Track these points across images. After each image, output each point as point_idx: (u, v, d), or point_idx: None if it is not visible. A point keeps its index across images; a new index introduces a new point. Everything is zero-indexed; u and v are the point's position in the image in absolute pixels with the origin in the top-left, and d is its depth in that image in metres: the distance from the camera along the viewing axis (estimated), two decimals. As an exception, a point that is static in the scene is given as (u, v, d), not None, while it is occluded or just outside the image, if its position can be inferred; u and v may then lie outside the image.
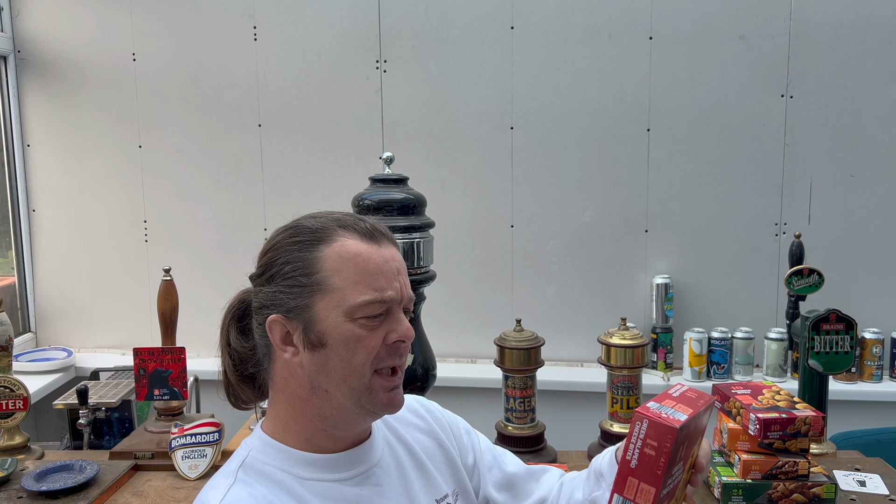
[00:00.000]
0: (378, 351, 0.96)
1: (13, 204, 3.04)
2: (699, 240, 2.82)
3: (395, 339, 0.97)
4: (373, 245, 0.98)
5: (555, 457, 1.91)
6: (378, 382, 0.97)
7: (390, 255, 0.99)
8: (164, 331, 2.03)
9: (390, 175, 1.91)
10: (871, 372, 2.65)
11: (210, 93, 2.93)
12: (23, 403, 1.91)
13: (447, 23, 2.80)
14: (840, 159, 2.74)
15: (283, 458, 0.99)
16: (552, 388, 2.53)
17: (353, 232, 0.98)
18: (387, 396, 0.98)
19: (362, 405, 0.97)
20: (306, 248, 0.98)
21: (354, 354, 0.95)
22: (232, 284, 1.16)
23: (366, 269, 0.96)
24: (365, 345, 0.95)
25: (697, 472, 1.07)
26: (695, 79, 2.75)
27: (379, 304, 0.95)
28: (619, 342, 1.87)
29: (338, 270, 0.96)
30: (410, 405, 1.18)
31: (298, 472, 0.98)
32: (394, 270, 0.98)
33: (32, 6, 2.96)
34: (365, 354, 0.95)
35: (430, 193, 1.99)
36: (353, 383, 0.96)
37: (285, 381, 1.00)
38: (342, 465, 1.01)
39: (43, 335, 3.13)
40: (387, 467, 1.05)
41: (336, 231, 0.98)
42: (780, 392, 1.67)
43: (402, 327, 0.98)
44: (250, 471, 0.97)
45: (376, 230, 1.00)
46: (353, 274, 0.95)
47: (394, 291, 0.97)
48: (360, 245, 0.97)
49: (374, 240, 0.99)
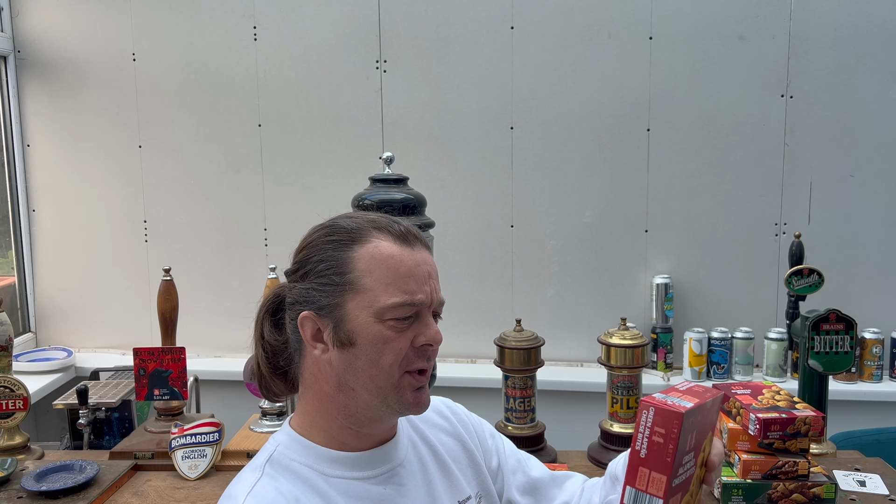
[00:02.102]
0: (406, 353, 0.97)
1: (13, 204, 3.04)
2: (699, 240, 2.82)
3: (423, 343, 0.98)
4: (406, 248, 0.99)
5: (555, 457, 1.91)
6: (407, 382, 0.98)
7: (422, 258, 1.01)
8: (164, 331, 2.03)
9: (390, 175, 1.91)
10: (871, 372, 2.65)
11: (210, 93, 2.93)
12: (23, 403, 1.91)
13: (447, 23, 2.80)
14: (840, 159, 2.74)
15: (308, 454, 1.00)
16: (552, 388, 2.53)
17: (388, 234, 1.00)
18: (413, 396, 0.99)
19: (389, 404, 0.99)
20: (340, 247, 0.99)
21: (382, 355, 0.97)
22: (232, 284, 1.16)
23: (398, 271, 0.97)
24: (393, 346, 0.97)
25: (710, 470, 1.07)
26: (695, 79, 2.75)
27: (408, 306, 0.97)
28: (619, 342, 1.87)
29: (370, 271, 0.97)
30: (436, 406, 1.20)
31: (323, 469, 0.99)
32: (425, 274, 1.00)
33: (32, 6, 2.96)
34: (393, 356, 0.97)
35: (430, 193, 1.99)
36: (381, 383, 0.97)
37: (314, 376, 1.02)
38: (367, 464, 1.02)
39: (43, 335, 3.13)
40: (410, 467, 1.06)
41: (370, 232, 1.00)
42: (780, 392, 1.67)
43: (431, 331, 0.99)
44: (277, 466, 0.99)
45: (410, 233, 1.01)
46: (384, 275, 0.97)
47: (424, 295, 0.99)
48: (394, 247, 0.98)
49: (408, 243, 1.00)
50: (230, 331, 2.96)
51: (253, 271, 2.88)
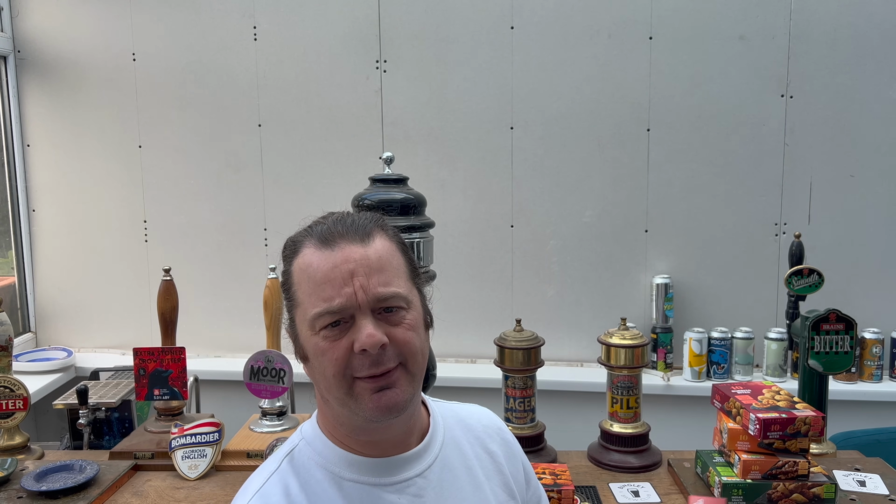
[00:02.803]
0: (348, 360, 0.92)
1: (13, 204, 3.04)
2: (699, 240, 2.82)
3: (359, 349, 0.91)
4: (324, 251, 0.94)
5: (555, 457, 1.91)
6: (361, 386, 0.93)
7: (343, 257, 0.93)
8: (164, 331, 2.03)
9: (390, 175, 1.91)
10: (871, 372, 2.65)
11: (210, 93, 2.93)
12: (23, 403, 1.91)
13: (447, 23, 2.80)
14: (840, 159, 2.74)
15: (328, 453, 0.99)
16: (552, 388, 2.53)
17: (312, 239, 0.96)
18: (373, 400, 0.92)
19: (355, 412, 0.94)
20: (287, 262, 1.00)
21: (325, 367, 0.93)
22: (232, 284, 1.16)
23: (314, 279, 0.94)
24: (329, 357, 0.92)
25: None
26: (695, 79, 2.75)
27: (328, 315, 0.92)
28: (619, 342, 1.87)
29: (299, 284, 0.96)
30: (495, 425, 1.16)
31: (340, 472, 0.97)
32: (345, 274, 0.92)
33: (32, 6, 2.96)
34: (332, 366, 0.92)
35: (430, 193, 1.99)
36: (336, 393, 0.94)
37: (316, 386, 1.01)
38: (385, 470, 0.98)
39: (43, 335, 3.13)
40: (435, 479, 1.01)
41: (302, 241, 0.98)
42: (780, 392, 1.67)
43: (362, 335, 0.91)
44: (295, 462, 0.99)
45: (332, 232, 0.95)
46: (306, 286, 0.95)
47: (343, 298, 0.91)
48: (314, 255, 0.95)
49: (328, 244, 0.95)
50: (230, 331, 2.96)
51: (253, 271, 2.88)
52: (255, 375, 1.93)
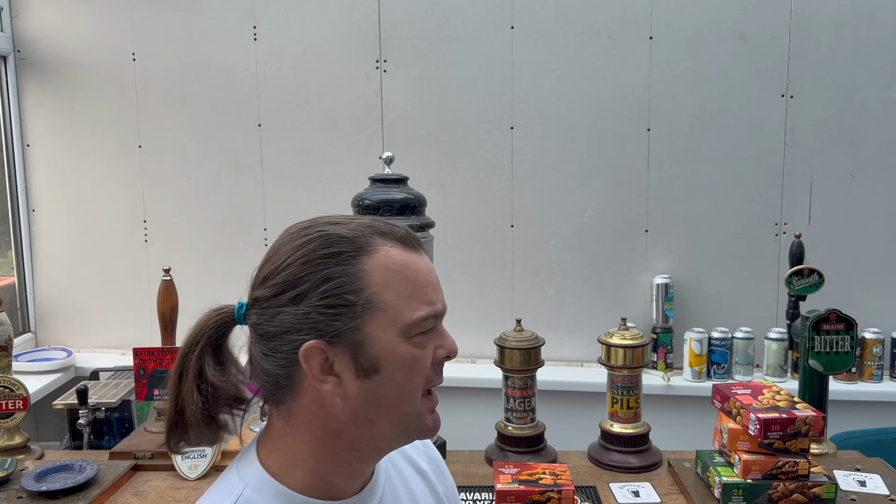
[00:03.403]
0: (429, 371, 0.88)
1: (13, 204, 3.04)
2: (699, 240, 2.82)
3: (445, 355, 0.90)
4: (415, 254, 0.88)
5: (555, 457, 1.91)
6: (426, 405, 0.89)
7: (429, 263, 0.91)
8: (164, 331, 2.03)
9: (390, 175, 1.91)
10: (871, 372, 2.65)
11: (210, 93, 2.93)
12: (23, 403, 1.91)
13: (447, 23, 2.80)
14: (840, 159, 2.73)
15: (284, 501, 0.86)
16: (552, 388, 2.53)
17: (392, 239, 0.87)
18: (432, 419, 0.90)
19: (409, 433, 0.89)
20: (346, 260, 0.84)
21: (411, 377, 0.86)
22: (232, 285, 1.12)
23: (416, 281, 0.86)
24: (420, 365, 0.86)
25: None
26: (695, 79, 2.75)
27: (433, 318, 0.88)
28: (619, 342, 1.87)
29: (388, 285, 0.84)
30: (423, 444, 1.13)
31: None
32: (436, 280, 0.90)
33: (32, 6, 2.96)
34: (420, 376, 0.87)
35: (430, 193, 1.99)
36: (407, 409, 0.87)
37: (313, 414, 0.86)
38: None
39: (43, 335, 3.13)
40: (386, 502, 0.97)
41: (375, 239, 0.86)
42: (780, 392, 1.67)
43: (449, 342, 0.91)
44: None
45: (413, 236, 0.90)
46: (402, 287, 0.85)
47: (442, 304, 0.90)
48: (405, 254, 0.87)
49: (414, 247, 0.89)
50: (230, 331, 2.96)
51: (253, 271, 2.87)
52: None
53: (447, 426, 2.23)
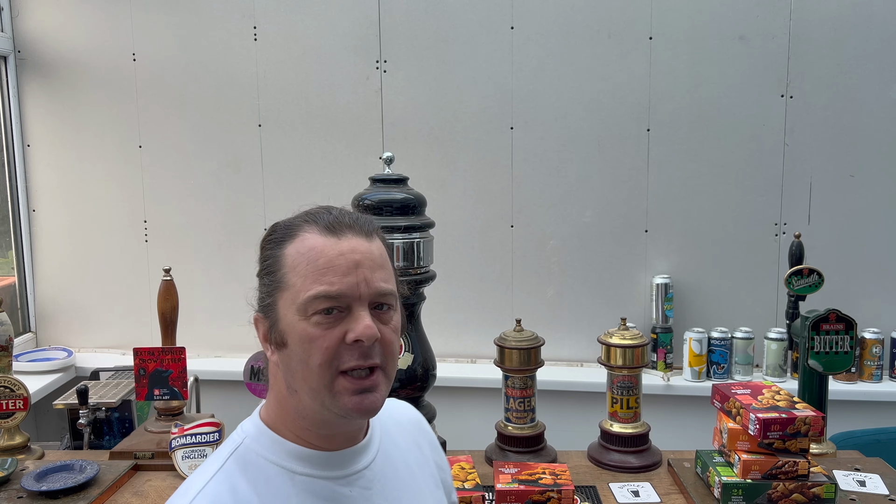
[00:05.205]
0: (337, 351, 0.91)
1: (13, 204, 3.04)
2: (699, 240, 2.82)
3: (353, 338, 0.91)
4: (331, 238, 0.94)
5: (555, 457, 1.91)
6: (342, 384, 0.92)
7: (350, 247, 0.94)
8: (164, 331, 2.03)
9: (390, 175, 1.91)
10: (871, 372, 2.65)
11: (210, 93, 2.93)
12: (23, 403, 1.91)
13: (447, 23, 2.80)
14: (840, 159, 2.74)
15: (277, 449, 0.96)
16: (552, 388, 2.53)
17: (316, 226, 0.95)
18: (353, 400, 0.92)
19: (327, 408, 0.93)
20: (275, 245, 0.97)
21: (310, 355, 0.91)
22: (232, 284, 1.16)
23: (316, 263, 0.92)
24: (319, 345, 0.91)
25: None
26: (695, 79, 2.75)
27: (324, 298, 0.91)
28: (619, 342, 1.87)
29: (294, 267, 0.93)
30: (413, 418, 1.19)
31: (293, 467, 0.95)
32: (350, 263, 0.92)
33: (32, 6, 2.96)
34: (320, 355, 0.91)
35: (430, 193, 1.99)
36: (313, 384, 0.92)
37: (273, 376, 0.99)
38: (335, 464, 0.98)
39: (43, 335, 3.13)
40: (379, 471, 1.03)
41: (301, 226, 0.96)
42: (780, 392, 1.67)
43: (360, 325, 0.91)
44: (241, 461, 0.95)
45: (340, 222, 0.96)
46: (304, 269, 0.92)
47: (345, 286, 0.91)
48: (318, 239, 0.94)
49: (335, 232, 0.94)
50: (230, 331, 2.96)
51: (253, 271, 2.86)
52: (255, 375, 1.93)
53: (447, 426, 2.23)
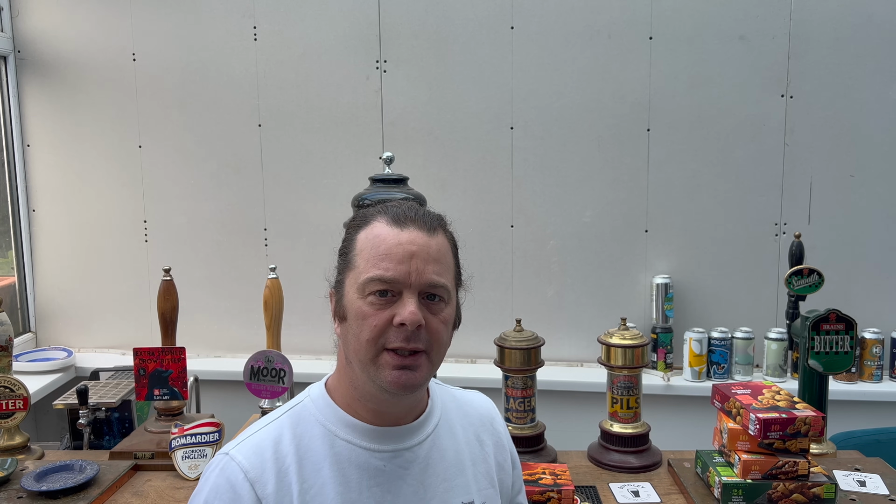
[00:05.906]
0: (385, 330, 1.00)
1: (13, 204, 3.04)
2: (699, 240, 2.82)
3: (399, 322, 0.99)
4: (395, 228, 1.03)
5: (555, 457, 1.91)
6: (385, 359, 1.00)
7: (409, 238, 1.03)
8: (164, 331, 2.03)
9: (390, 175, 1.91)
10: (871, 372, 2.65)
11: (210, 93, 2.93)
12: (23, 403, 1.91)
13: (447, 23, 2.80)
14: (840, 159, 2.74)
15: (329, 413, 1.07)
16: (552, 388, 2.53)
17: (385, 216, 1.06)
18: (393, 374, 1.00)
19: (372, 380, 1.01)
20: (352, 230, 1.08)
21: (362, 330, 1.01)
22: (232, 284, 1.17)
23: (377, 249, 1.02)
24: (370, 322, 1.00)
25: None
26: (695, 79, 2.75)
27: (378, 282, 1.00)
28: (619, 342, 1.87)
29: (361, 250, 1.04)
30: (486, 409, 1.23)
31: (336, 431, 1.05)
32: (406, 253, 1.01)
33: (32, 6, 2.96)
34: (369, 331, 1.00)
35: (430, 193, 1.99)
36: (362, 357, 1.01)
37: (339, 348, 1.09)
38: (377, 438, 1.06)
39: (43, 335, 3.13)
40: (423, 455, 1.08)
41: (375, 216, 1.07)
42: (780, 392, 1.67)
43: (406, 311, 0.99)
44: (296, 417, 1.07)
45: (406, 215, 1.06)
46: (368, 254, 1.02)
47: (397, 273, 1.00)
48: (384, 228, 1.04)
49: (399, 224, 1.04)
50: (230, 331, 2.96)
51: (253, 271, 2.88)
52: (255, 375, 1.94)
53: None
